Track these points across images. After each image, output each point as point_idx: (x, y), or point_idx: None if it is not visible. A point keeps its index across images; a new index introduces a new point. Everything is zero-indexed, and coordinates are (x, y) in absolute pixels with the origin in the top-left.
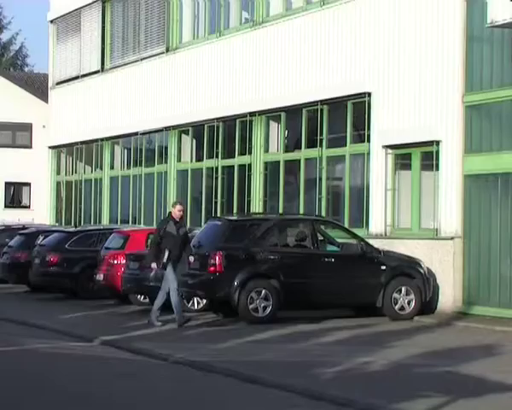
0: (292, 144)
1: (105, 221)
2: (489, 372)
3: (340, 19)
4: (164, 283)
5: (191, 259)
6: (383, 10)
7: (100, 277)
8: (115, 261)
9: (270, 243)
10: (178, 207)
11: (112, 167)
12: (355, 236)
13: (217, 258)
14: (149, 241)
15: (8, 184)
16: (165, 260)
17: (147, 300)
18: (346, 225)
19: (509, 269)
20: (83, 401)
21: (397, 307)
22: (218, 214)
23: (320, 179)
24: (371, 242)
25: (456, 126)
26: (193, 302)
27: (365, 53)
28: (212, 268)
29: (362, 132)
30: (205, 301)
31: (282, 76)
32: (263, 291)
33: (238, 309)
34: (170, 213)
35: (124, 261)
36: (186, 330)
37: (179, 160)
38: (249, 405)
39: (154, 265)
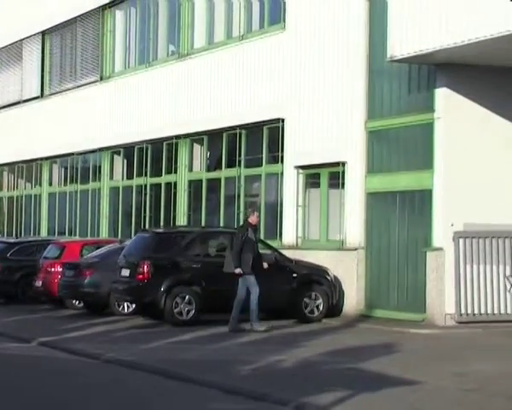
0: (213, 164)
1: (43, 233)
2: (387, 368)
3: (256, 52)
4: (241, 289)
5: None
6: (295, 45)
7: (38, 283)
8: (52, 269)
9: (193, 253)
10: (257, 214)
11: (50, 184)
12: (269, 247)
13: (145, 267)
14: (228, 247)
15: None
16: (250, 265)
17: (81, 304)
18: (262, 237)
19: (405, 276)
20: (16, 397)
21: (307, 311)
22: (147, 227)
23: (238, 196)
24: (284, 252)
25: (359, 149)
26: (123, 307)
27: (279, 83)
28: (140, 276)
29: (276, 154)
30: (134, 305)
31: (205, 103)
32: (186, 297)
33: (164, 313)
34: (246, 220)
35: (60, 269)
36: (116, 331)
37: (111, 178)
38: (172, 399)
39: (239, 270)
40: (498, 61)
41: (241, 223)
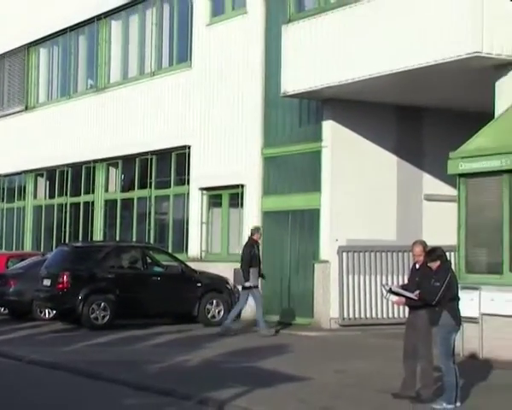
0: (127, 186)
1: None
2: (280, 367)
3: (166, 87)
4: (243, 297)
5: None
6: (200, 81)
7: None
8: None
9: (108, 264)
10: (260, 232)
11: None
12: (176, 259)
13: (64, 277)
14: (241, 262)
15: None
16: (258, 278)
17: (6, 311)
18: (170, 251)
19: (296, 285)
20: None
21: (209, 316)
22: (67, 241)
23: (149, 214)
24: (189, 264)
25: (256, 173)
26: (45, 313)
27: (186, 114)
28: (60, 285)
29: (183, 177)
30: (54, 311)
31: (120, 131)
32: (102, 303)
33: (81, 318)
34: (251, 238)
35: None
36: (38, 335)
37: (35, 197)
38: (88, 397)
39: (249, 283)
40: (376, 97)
41: (247, 240)
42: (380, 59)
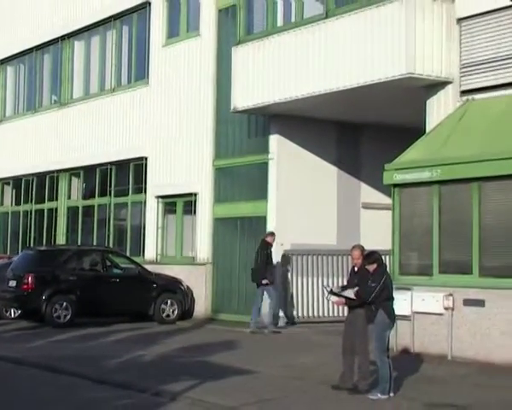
0: (88, 194)
1: None
2: (230, 361)
3: (124, 103)
4: (259, 295)
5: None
6: (157, 97)
7: None
8: None
9: (70, 267)
10: (275, 236)
11: None
12: (134, 262)
13: (29, 278)
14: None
15: None
16: (272, 275)
17: None
18: (128, 254)
19: (244, 286)
20: None
21: (164, 315)
22: (31, 245)
23: (109, 220)
24: (146, 266)
25: (208, 183)
26: (10, 312)
27: (143, 128)
28: (25, 286)
29: (140, 186)
30: (20, 311)
31: (82, 143)
32: (64, 303)
33: (45, 317)
34: (264, 240)
35: None
36: (4, 333)
37: (2, 204)
38: (50, 389)
39: (266, 281)
40: (319, 114)
41: (261, 243)
42: (321, 78)
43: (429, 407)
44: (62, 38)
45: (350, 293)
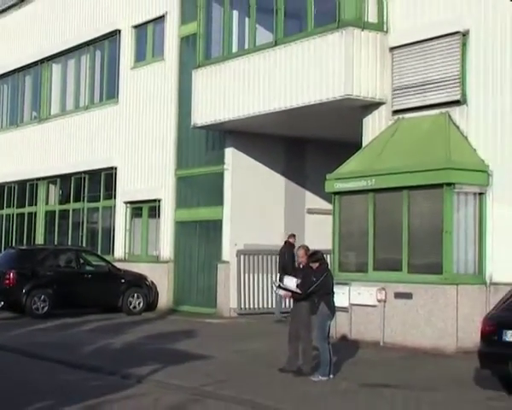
0: (64, 199)
1: None
2: (189, 347)
3: (97, 118)
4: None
5: None
6: (126, 114)
7: None
8: None
9: (47, 264)
10: (295, 237)
11: None
12: (104, 260)
13: (11, 274)
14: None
15: None
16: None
17: None
18: (99, 253)
19: (202, 281)
20: None
21: (131, 307)
22: (13, 245)
23: (82, 223)
24: (115, 264)
25: (170, 190)
26: None
27: (114, 141)
28: (7, 281)
29: (110, 193)
30: (2, 303)
31: (59, 155)
32: (42, 296)
33: (25, 308)
34: (287, 241)
35: None
36: None
37: None
38: (29, 372)
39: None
40: (269, 130)
41: (285, 243)
42: (271, 99)
43: (364, 386)
44: (42, 61)
45: (291, 281)
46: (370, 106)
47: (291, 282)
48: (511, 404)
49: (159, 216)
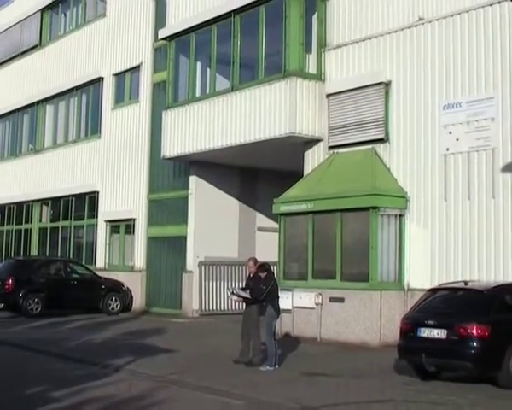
0: (55, 218)
1: None
2: (158, 342)
3: (82, 151)
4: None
5: None
6: (107, 147)
7: None
8: None
9: (40, 272)
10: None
11: None
12: (88, 269)
13: (10, 281)
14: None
15: None
16: None
17: None
18: (84, 263)
19: (170, 287)
20: None
21: (110, 308)
22: (12, 256)
23: (70, 238)
24: (97, 272)
25: (143, 211)
26: None
27: (96, 169)
28: (7, 286)
29: (93, 213)
30: (3, 304)
31: (51, 180)
32: (36, 299)
33: (21, 309)
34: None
35: None
36: None
37: None
38: (23, 363)
39: None
40: (226, 161)
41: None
42: (228, 135)
43: (304, 375)
44: (37, 102)
45: (247, 293)
46: (310, 142)
47: (242, 290)
48: (423, 387)
49: (133, 232)
